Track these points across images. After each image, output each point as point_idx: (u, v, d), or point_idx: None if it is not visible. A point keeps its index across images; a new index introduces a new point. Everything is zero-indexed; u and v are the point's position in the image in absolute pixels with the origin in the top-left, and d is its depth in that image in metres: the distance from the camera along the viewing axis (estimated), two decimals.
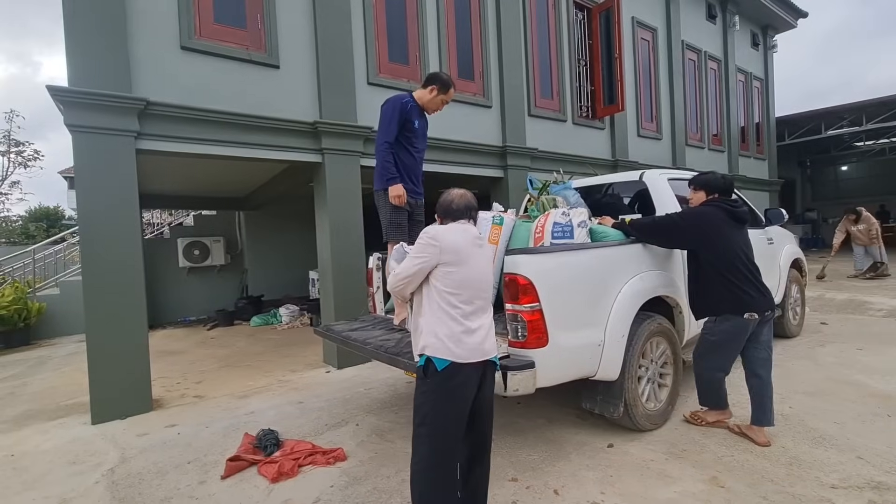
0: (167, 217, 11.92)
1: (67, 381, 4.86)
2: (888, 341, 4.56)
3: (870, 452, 2.46)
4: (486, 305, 1.88)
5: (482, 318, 1.84)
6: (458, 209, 1.95)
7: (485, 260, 1.93)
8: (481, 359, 1.79)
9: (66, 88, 3.42)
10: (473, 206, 1.99)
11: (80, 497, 2.48)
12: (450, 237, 1.85)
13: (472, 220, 1.99)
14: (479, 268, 1.88)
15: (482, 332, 1.82)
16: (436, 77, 3.25)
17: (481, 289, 1.86)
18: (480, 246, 1.94)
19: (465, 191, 1.99)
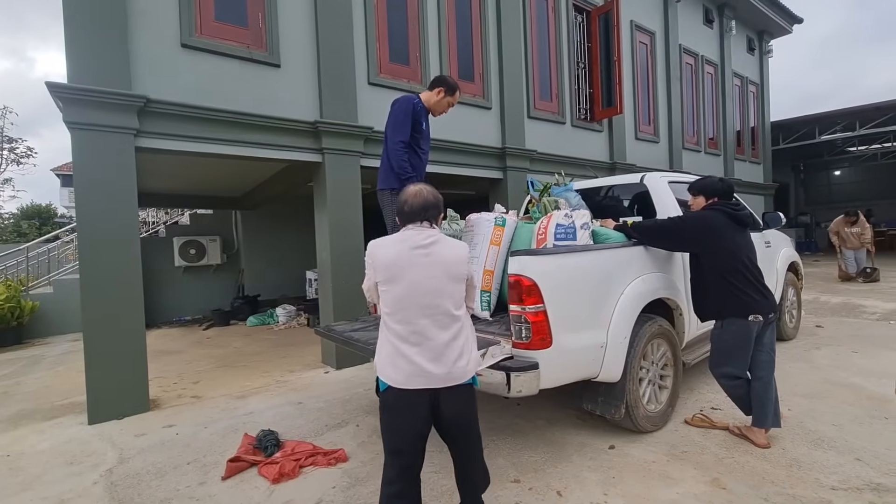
0: (163, 216, 11.83)
1: (62, 381, 4.81)
2: (882, 344, 4.61)
3: (868, 454, 2.48)
4: (434, 325, 1.63)
5: (429, 341, 1.62)
6: (412, 211, 1.72)
7: (434, 272, 1.65)
8: (424, 386, 1.60)
9: (65, 85, 3.39)
10: (431, 204, 1.74)
11: (78, 497, 2.45)
12: (381, 252, 1.69)
13: (431, 222, 1.74)
14: (420, 284, 1.64)
15: (427, 355, 1.61)
16: (442, 80, 3.26)
17: (426, 306, 1.63)
18: (427, 255, 1.66)
19: (423, 187, 1.77)
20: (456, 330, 1.67)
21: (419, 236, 1.69)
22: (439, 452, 2.73)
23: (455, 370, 1.63)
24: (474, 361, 1.72)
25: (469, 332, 1.73)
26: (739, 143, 11.97)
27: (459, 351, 1.66)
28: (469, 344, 1.71)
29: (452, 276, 1.68)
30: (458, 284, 1.70)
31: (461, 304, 1.72)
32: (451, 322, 1.66)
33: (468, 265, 1.75)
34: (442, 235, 1.75)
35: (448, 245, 1.72)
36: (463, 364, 1.65)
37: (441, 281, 1.66)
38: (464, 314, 1.72)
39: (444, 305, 1.65)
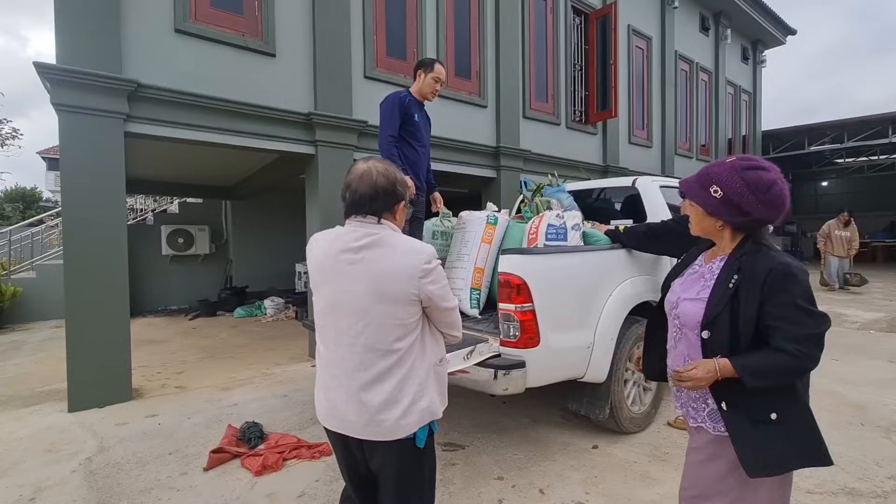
0: (151, 203, 11.67)
1: (42, 368, 4.73)
2: (862, 353, 4.70)
3: (844, 460, 2.53)
4: (351, 358, 1.25)
5: (345, 378, 1.25)
6: (353, 200, 1.29)
7: (357, 286, 1.23)
8: (339, 430, 1.28)
9: (53, 66, 3.33)
10: (382, 191, 1.28)
11: (55, 486, 2.41)
12: (313, 248, 1.34)
13: (379, 216, 1.29)
14: (339, 301, 1.26)
15: (342, 394, 1.26)
16: (418, 63, 3.18)
17: (343, 332, 1.26)
18: (353, 262, 1.24)
19: (374, 165, 1.31)
20: (384, 369, 1.23)
21: (351, 235, 1.26)
22: None
23: (378, 422, 1.23)
24: (418, 414, 1.25)
25: (416, 375, 1.26)
26: (731, 151, 12.11)
27: (387, 398, 1.22)
28: (410, 389, 1.24)
29: (385, 296, 1.21)
30: (396, 307, 1.22)
31: (407, 333, 1.25)
32: (379, 359, 1.23)
33: (421, 280, 1.22)
34: (388, 235, 1.27)
35: (388, 250, 1.24)
36: (393, 417, 1.22)
37: (366, 300, 1.22)
38: (409, 349, 1.25)
39: (367, 335, 1.22)
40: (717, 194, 1.28)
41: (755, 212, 1.25)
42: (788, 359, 1.18)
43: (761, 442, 1.23)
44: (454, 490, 2.29)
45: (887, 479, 2.35)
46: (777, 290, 1.20)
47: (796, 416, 1.23)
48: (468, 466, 2.52)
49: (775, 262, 1.22)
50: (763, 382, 1.20)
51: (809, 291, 1.20)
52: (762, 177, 1.24)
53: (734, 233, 1.32)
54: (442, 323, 1.35)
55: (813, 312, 1.19)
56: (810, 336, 1.18)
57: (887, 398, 3.42)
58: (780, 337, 1.19)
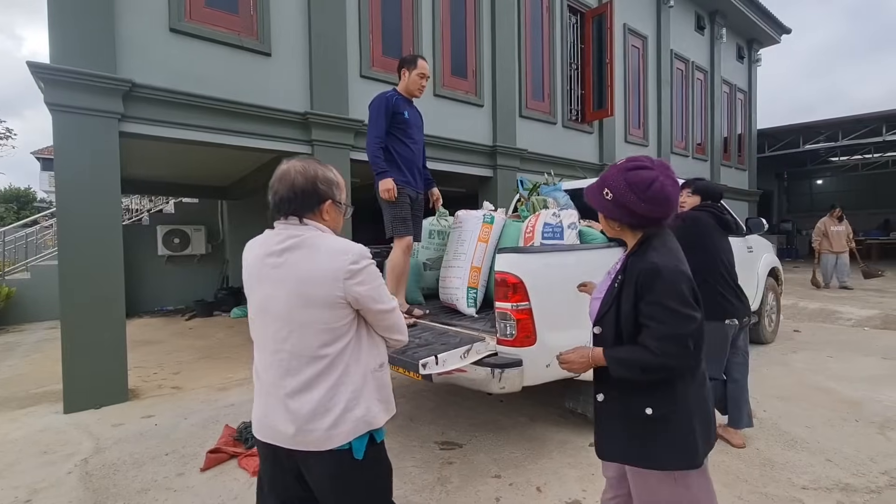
0: (147, 203, 11.62)
1: (37, 369, 4.70)
2: (856, 350, 4.74)
3: (839, 455, 2.55)
4: (278, 365, 1.20)
5: (272, 386, 1.21)
6: (275, 202, 1.23)
7: (280, 291, 1.18)
8: (270, 441, 1.22)
9: (47, 65, 3.31)
10: (301, 191, 1.22)
11: (51, 487, 2.40)
12: (245, 252, 1.29)
13: (301, 217, 1.22)
14: (266, 306, 1.22)
15: (271, 403, 1.21)
16: (401, 61, 3.13)
17: (270, 337, 1.21)
18: (277, 266, 1.19)
19: (293, 165, 1.25)
20: (311, 377, 1.17)
21: (275, 238, 1.21)
22: (420, 447, 2.75)
23: (308, 432, 1.16)
24: (352, 423, 1.18)
25: (349, 382, 1.20)
26: (726, 150, 12.17)
27: (316, 406, 1.16)
28: (342, 397, 1.18)
29: (309, 299, 1.16)
30: (321, 311, 1.16)
31: (336, 338, 1.19)
32: (306, 365, 1.17)
33: (347, 282, 1.16)
34: (312, 236, 1.20)
35: (311, 252, 1.18)
36: (323, 426, 1.16)
37: (289, 304, 1.17)
38: (339, 354, 1.19)
39: (293, 340, 1.18)
40: (608, 196, 1.33)
41: (640, 210, 1.28)
42: (650, 355, 1.23)
43: (630, 434, 1.30)
44: (451, 489, 2.30)
45: (881, 474, 2.37)
46: (646, 289, 1.25)
47: (673, 416, 1.26)
48: (465, 465, 2.53)
49: (647, 262, 1.26)
50: (626, 373, 1.27)
51: (677, 291, 1.23)
52: (642, 176, 1.28)
53: (633, 233, 1.36)
54: (379, 326, 1.28)
55: (678, 313, 1.22)
56: (671, 336, 1.21)
57: (881, 394, 3.45)
58: (646, 334, 1.25)
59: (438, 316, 3.03)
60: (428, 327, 2.76)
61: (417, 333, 2.59)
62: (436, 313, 3.11)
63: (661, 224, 1.34)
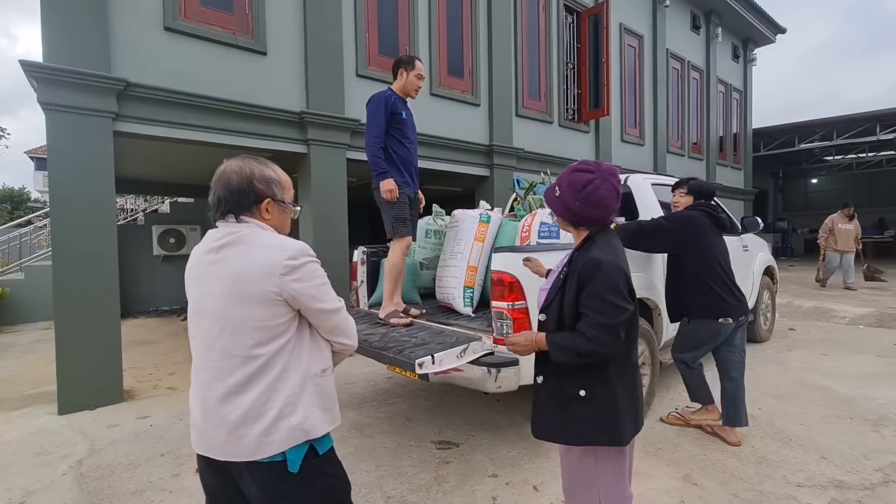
0: (142, 203, 11.56)
1: (31, 370, 4.67)
2: (850, 348, 4.77)
3: (833, 453, 2.57)
4: (210, 366, 1.13)
5: (205, 389, 1.13)
6: (213, 202, 1.20)
7: (215, 288, 1.13)
8: (203, 452, 1.14)
9: (40, 64, 3.28)
10: (236, 189, 1.18)
11: (45, 489, 2.39)
12: (190, 256, 1.25)
13: (237, 215, 1.19)
14: (202, 304, 1.16)
15: (202, 408, 1.13)
16: (397, 62, 3.13)
17: (204, 337, 1.15)
18: (213, 263, 1.15)
19: (228, 164, 1.21)
20: (243, 378, 1.09)
21: (214, 236, 1.18)
22: (417, 446, 2.75)
23: (237, 438, 1.08)
24: (286, 431, 1.09)
25: (285, 386, 1.12)
26: (722, 149, 12.21)
27: (247, 411, 1.08)
28: (276, 402, 1.10)
29: (242, 295, 1.10)
30: (254, 307, 1.10)
31: (271, 338, 1.12)
32: (237, 366, 1.10)
33: (283, 278, 1.11)
34: (250, 232, 1.16)
35: (247, 247, 1.13)
36: (254, 433, 1.08)
37: (223, 301, 1.11)
38: (275, 355, 1.12)
39: (224, 339, 1.11)
40: (556, 194, 1.47)
41: (577, 209, 1.42)
42: (584, 341, 1.35)
43: (564, 413, 1.43)
44: (448, 488, 2.30)
45: (875, 471, 2.38)
46: (587, 281, 1.37)
47: (603, 397, 1.39)
48: (462, 464, 2.53)
49: (589, 257, 1.39)
50: (563, 357, 1.39)
51: (613, 284, 1.35)
52: (581, 178, 1.41)
53: (577, 230, 1.50)
54: (322, 328, 1.21)
55: (612, 304, 1.34)
56: (604, 325, 1.33)
57: (875, 392, 3.47)
58: (583, 322, 1.37)
59: (435, 315, 3.02)
60: (424, 327, 2.76)
61: (414, 333, 2.59)
62: (432, 313, 3.10)
63: (602, 224, 1.47)
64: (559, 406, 1.45)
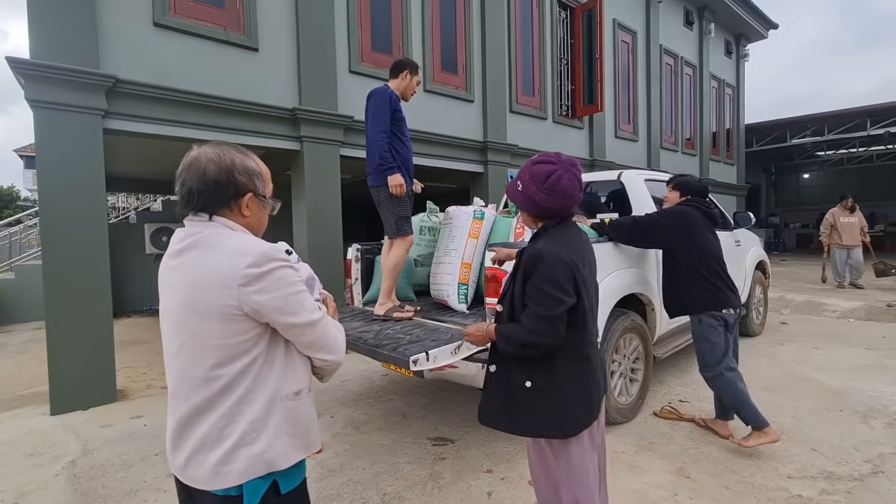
0: (134, 201, 11.46)
1: (23, 370, 4.63)
2: (841, 341, 4.82)
3: (823, 445, 2.60)
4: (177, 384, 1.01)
5: (173, 409, 1.02)
6: (182, 195, 1.04)
7: (175, 297, 1.01)
8: (173, 471, 1.04)
9: (27, 61, 3.23)
10: (213, 181, 1.02)
11: (38, 490, 2.37)
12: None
13: (211, 213, 1.03)
14: (164, 315, 1.04)
15: (171, 422, 1.02)
16: (403, 63, 3.12)
17: (168, 353, 1.04)
18: (174, 269, 1.02)
19: (203, 151, 1.05)
20: (202, 402, 0.97)
21: (176, 237, 1.04)
22: (413, 443, 2.76)
23: (196, 464, 0.97)
24: (245, 461, 0.97)
25: (248, 411, 0.98)
26: (715, 145, 12.28)
27: (204, 437, 0.97)
28: (236, 428, 0.97)
29: (198, 309, 0.96)
30: (211, 324, 0.96)
31: (233, 357, 0.97)
32: (197, 387, 0.97)
33: (243, 290, 0.95)
34: (213, 234, 1.01)
35: (206, 252, 0.98)
36: (210, 461, 0.96)
37: (180, 315, 0.99)
38: (238, 376, 0.98)
39: (181, 357, 0.99)
40: (519, 188, 1.49)
41: (540, 200, 1.43)
42: (524, 331, 1.38)
43: (511, 403, 1.46)
44: (444, 484, 2.31)
45: (864, 462, 2.42)
46: (529, 272, 1.40)
47: (549, 388, 1.42)
48: (458, 460, 2.54)
49: (533, 249, 1.42)
50: (508, 347, 1.43)
51: (552, 276, 1.37)
52: (542, 168, 1.43)
53: (536, 224, 1.53)
54: (298, 343, 1.06)
55: (550, 295, 1.36)
56: (542, 316, 1.36)
57: (865, 384, 3.52)
58: (524, 313, 1.40)
59: (430, 312, 3.02)
60: (419, 324, 2.76)
61: (409, 330, 2.59)
62: (427, 309, 3.10)
63: (563, 216, 1.48)
64: (507, 395, 1.48)
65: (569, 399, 1.41)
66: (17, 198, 26.72)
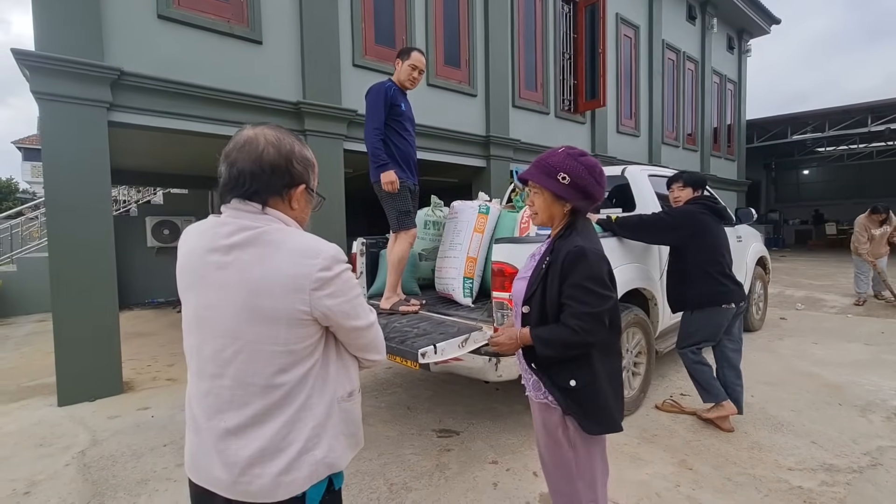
0: (135, 194, 11.43)
1: (28, 362, 4.65)
2: (839, 336, 4.87)
3: (823, 438, 2.64)
4: (217, 395, 0.93)
5: (208, 420, 0.93)
6: (231, 177, 0.94)
7: (227, 299, 0.90)
8: (204, 485, 0.95)
9: (32, 53, 3.22)
10: (270, 166, 0.94)
11: (50, 479, 2.40)
12: (180, 248, 1.01)
13: (264, 202, 0.95)
14: (205, 316, 0.93)
15: (206, 440, 0.94)
16: (399, 52, 3.10)
17: (210, 358, 0.93)
18: (222, 266, 0.91)
19: (261, 131, 0.96)
20: (262, 410, 0.91)
21: (223, 229, 0.93)
22: (419, 434, 2.79)
23: (250, 480, 0.90)
24: (310, 467, 0.93)
25: (310, 416, 0.94)
26: (716, 140, 12.28)
27: (264, 447, 0.90)
28: (299, 435, 0.93)
29: (262, 313, 0.89)
30: (278, 329, 0.90)
31: (296, 362, 0.93)
32: (255, 396, 0.91)
33: (315, 294, 0.90)
34: (273, 229, 0.93)
35: (269, 251, 0.90)
36: (271, 472, 0.90)
37: (237, 319, 0.90)
38: (299, 382, 0.93)
39: (238, 364, 0.91)
40: (564, 181, 1.39)
41: (595, 192, 1.41)
42: (569, 332, 1.32)
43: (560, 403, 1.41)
44: (450, 475, 2.34)
45: (863, 455, 2.46)
46: (569, 270, 1.34)
47: (592, 385, 1.39)
48: (463, 451, 2.57)
49: (572, 245, 1.36)
50: (549, 351, 1.36)
51: (597, 273, 1.34)
52: (590, 160, 1.42)
53: (563, 219, 1.45)
54: (352, 345, 1.03)
55: (596, 293, 1.32)
56: (589, 314, 1.31)
57: (863, 379, 3.56)
58: (567, 313, 1.34)
59: (435, 306, 3.05)
60: (425, 317, 2.79)
61: (415, 323, 2.61)
62: (432, 303, 3.13)
63: (591, 208, 1.45)
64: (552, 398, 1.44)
65: (608, 394, 1.40)
66: (16, 190, 26.62)
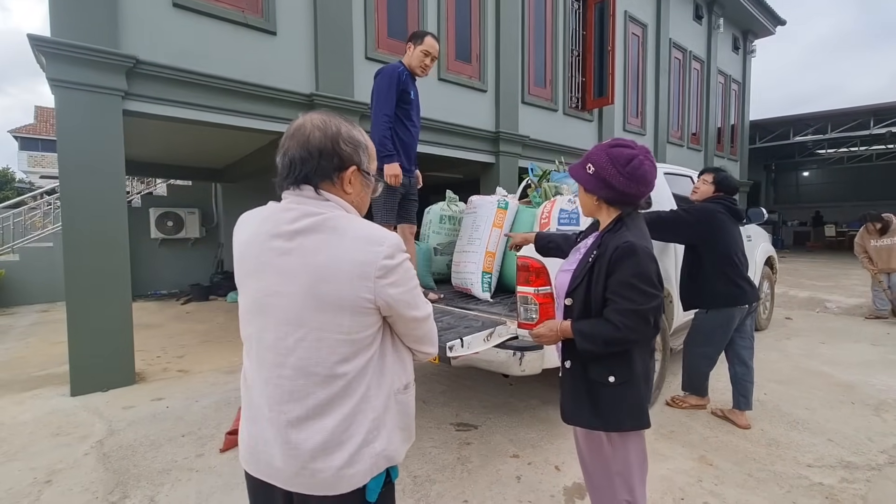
0: (137, 185, 11.35)
1: (36, 352, 4.62)
2: (846, 336, 4.90)
3: (839, 436, 2.67)
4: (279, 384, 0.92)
5: (269, 410, 0.93)
6: (284, 165, 0.96)
7: (290, 286, 0.90)
8: (263, 477, 0.96)
9: (48, 39, 3.19)
10: (318, 150, 0.94)
11: (70, 468, 2.39)
12: (238, 231, 1.01)
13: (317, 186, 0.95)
14: (267, 303, 0.92)
15: (266, 431, 0.93)
16: (410, 36, 2.99)
17: (271, 346, 0.92)
18: (285, 252, 0.90)
19: (310, 118, 0.98)
20: (323, 401, 0.91)
21: (286, 215, 0.93)
22: (437, 428, 2.80)
23: (313, 472, 0.90)
24: (371, 459, 0.94)
25: (370, 408, 0.94)
26: (720, 140, 12.30)
27: (327, 439, 0.90)
28: (360, 428, 0.93)
29: (326, 300, 0.89)
30: (342, 316, 0.89)
31: (357, 352, 0.92)
32: (317, 386, 0.91)
33: (379, 282, 0.90)
34: (336, 216, 0.93)
35: (334, 238, 0.90)
36: (334, 465, 0.90)
37: (301, 305, 0.89)
38: (360, 373, 0.93)
39: (300, 353, 0.90)
40: (590, 171, 1.41)
41: (618, 184, 1.36)
42: (612, 329, 1.31)
43: (594, 399, 1.41)
44: (472, 468, 2.35)
45: (880, 452, 2.48)
46: (616, 266, 1.33)
47: (630, 382, 1.38)
48: (483, 445, 2.58)
49: (622, 240, 1.34)
50: (590, 346, 1.35)
51: (646, 271, 1.32)
52: (623, 152, 1.37)
53: (609, 210, 1.44)
54: (409, 336, 1.02)
55: (642, 290, 1.30)
56: (634, 311, 1.30)
57: (874, 378, 3.59)
58: (611, 309, 1.33)
59: (453, 300, 3.05)
60: (446, 311, 2.79)
61: (439, 317, 2.61)
62: (450, 298, 3.13)
63: (636, 204, 1.42)
64: (587, 393, 1.42)
65: (643, 391, 1.40)
66: (13, 179, 26.40)
